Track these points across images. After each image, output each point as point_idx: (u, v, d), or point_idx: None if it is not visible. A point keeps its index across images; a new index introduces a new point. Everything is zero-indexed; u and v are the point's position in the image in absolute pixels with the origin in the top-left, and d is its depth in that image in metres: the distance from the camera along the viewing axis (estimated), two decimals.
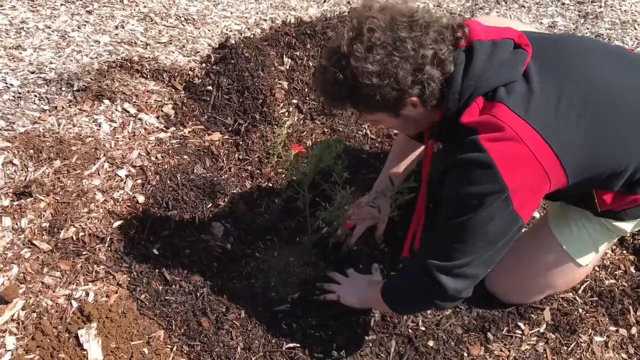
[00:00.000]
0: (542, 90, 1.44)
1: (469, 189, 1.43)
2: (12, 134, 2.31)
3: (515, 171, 1.40)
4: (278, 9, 3.38)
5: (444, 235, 1.53)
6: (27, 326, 1.77)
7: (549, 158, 1.41)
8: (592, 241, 1.82)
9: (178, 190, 2.24)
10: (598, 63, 1.56)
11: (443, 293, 1.52)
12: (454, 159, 1.46)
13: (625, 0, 3.61)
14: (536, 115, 1.41)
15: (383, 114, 1.56)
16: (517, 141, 1.39)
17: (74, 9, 3.18)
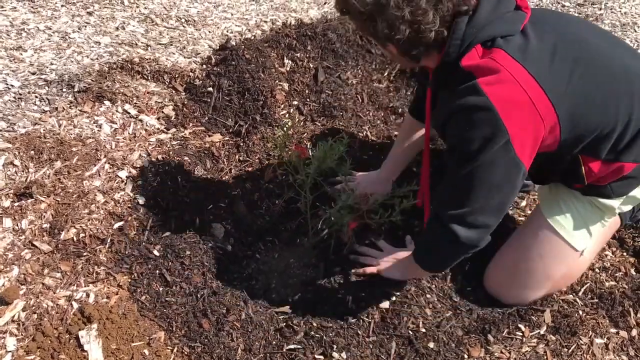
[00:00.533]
0: (538, 44, 1.53)
1: (471, 133, 1.50)
2: (12, 135, 2.31)
3: (513, 114, 1.47)
4: (278, 10, 3.38)
5: (452, 185, 1.63)
6: (27, 327, 1.77)
7: (544, 103, 1.49)
8: (582, 221, 1.86)
9: (178, 191, 2.24)
10: (587, 32, 1.68)
11: (457, 240, 1.62)
12: (454, 105, 1.54)
13: (625, 2, 3.62)
14: (532, 62, 1.50)
15: (393, 48, 1.60)
16: (514, 84, 1.46)
17: (75, 10, 3.18)
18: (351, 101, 2.66)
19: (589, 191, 1.81)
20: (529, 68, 1.48)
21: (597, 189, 1.78)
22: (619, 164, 1.68)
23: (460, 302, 1.99)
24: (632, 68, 1.64)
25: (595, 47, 1.62)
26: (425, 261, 1.84)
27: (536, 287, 1.95)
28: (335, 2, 1.61)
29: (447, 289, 2.03)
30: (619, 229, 2.23)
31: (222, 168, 2.38)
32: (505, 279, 1.96)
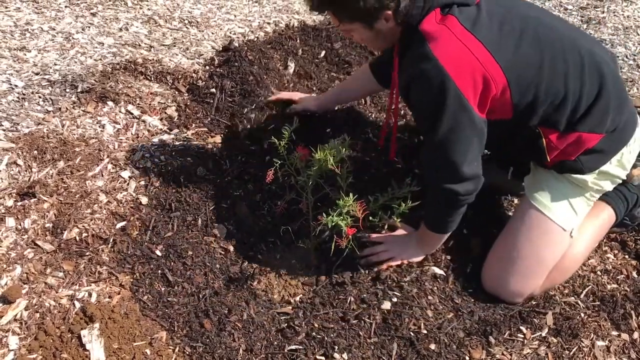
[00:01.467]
0: (488, 16, 1.70)
1: (429, 96, 1.68)
2: (16, 135, 2.32)
3: (462, 72, 1.62)
4: (282, 12, 3.39)
5: (432, 151, 1.80)
6: (30, 326, 1.78)
7: (492, 65, 1.64)
8: (564, 197, 1.96)
9: (181, 192, 2.24)
10: (539, 12, 1.88)
11: (458, 196, 1.82)
12: (411, 73, 1.72)
13: (628, 5, 3.62)
14: (481, 30, 1.66)
15: (359, 25, 1.75)
16: (463, 48, 1.63)
17: (79, 11, 3.20)
18: (353, 102, 2.66)
19: (562, 168, 1.92)
20: (478, 35, 1.65)
21: (568, 164, 1.89)
22: (576, 134, 1.81)
23: (462, 303, 1.99)
24: (581, 44, 1.79)
25: (545, 23, 1.77)
26: (437, 224, 1.98)
27: (530, 275, 1.96)
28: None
29: (449, 291, 2.03)
30: (620, 232, 2.23)
31: (225, 169, 2.38)
32: (500, 271, 1.98)
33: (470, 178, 1.80)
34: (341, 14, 1.74)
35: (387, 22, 1.73)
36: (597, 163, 1.90)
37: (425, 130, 1.77)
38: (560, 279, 2.02)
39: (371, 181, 2.32)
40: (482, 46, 1.64)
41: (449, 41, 1.63)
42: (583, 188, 1.96)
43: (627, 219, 2.17)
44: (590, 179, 1.94)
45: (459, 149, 1.74)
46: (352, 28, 1.79)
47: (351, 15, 1.73)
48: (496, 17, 1.71)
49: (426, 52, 1.64)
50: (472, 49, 1.63)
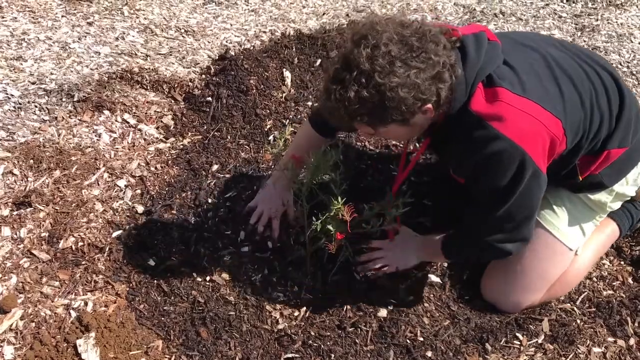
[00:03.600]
0: (523, 71, 1.62)
1: (504, 174, 1.59)
2: (12, 144, 2.32)
3: (534, 144, 1.57)
4: (277, 21, 3.41)
5: (494, 218, 1.69)
6: (25, 336, 1.77)
7: (555, 124, 1.58)
8: (574, 219, 1.91)
9: (177, 200, 2.24)
10: (551, 43, 1.81)
11: (508, 254, 1.78)
12: (479, 156, 1.60)
13: (621, 13, 3.65)
14: (531, 90, 1.58)
15: (395, 125, 1.57)
16: (526, 116, 1.55)
17: (75, 20, 3.21)
18: None
19: (580, 187, 1.87)
20: (532, 97, 1.56)
21: (588, 179, 1.83)
22: (606, 152, 1.77)
23: (458, 310, 1.99)
24: (591, 61, 1.77)
25: (562, 57, 1.72)
26: (457, 256, 1.97)
27: (532, 289, 1.95)
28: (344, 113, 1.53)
29: (445, 298, 2.03)
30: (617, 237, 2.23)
31: (220, 177, 2.38)
32: (501, 283, 1.96)
33: (526, 239, 1.77)
34: (376, 122, 1.56)
35: (425, 115, 1.57)
36: (618, 176, 1.86)
37: (494, 200, 1.67)
38: (561, 292, 2.01)
39: (366, 188, 2.33)
40: (540, 107, 1.56)
41: (515, 116, 1.54)
42: (595, 210, 1.93)
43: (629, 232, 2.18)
44: (608, 201, 1.90)
45: (526, 211, 1.69)
46: (388, 130, 1.61)
47: (388, 119, 1.54)
48: (528, 68, 1.63)
49: (494, 133, 1.54)
50: (536, 115, 1.55)
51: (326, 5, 3.63)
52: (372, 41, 1.45)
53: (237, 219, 2.22)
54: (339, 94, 1.48)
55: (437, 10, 3.63)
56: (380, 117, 1.53)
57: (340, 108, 1.51)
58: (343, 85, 1.47)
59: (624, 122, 1.77)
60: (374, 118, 1.54)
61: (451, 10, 3.65)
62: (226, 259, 2.10)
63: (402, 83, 1.44)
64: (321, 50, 2.91)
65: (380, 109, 1.48)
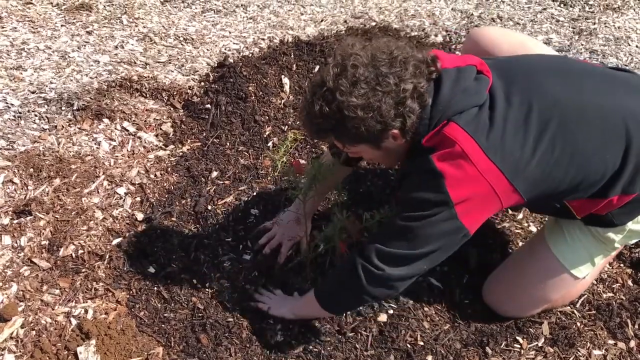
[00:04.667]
0: (499, 112, 1.52)
1: (419, 194, 1.54)
2: (12, 153, 2.33)
3: (461, 188, 1.49)
4: (276, 28, 3.42)
5: (390, 229, 1.63)
6: (26, 344, 1.77)
7: (496, 177, 1.49)
8: (587, 252, 1.83)
9: (176, 207, 2.25)
10: (557, 82, 1.63)
11: (376, 275, 1.60)
12: (411, 169, 1.61)
13: (618, 17, 3.66)
14: (486, 133, 1.50)
15: (365, 146, 1.61)
16: (465, 159, 1.48)
17: (74, 29, 3.22)
18: None
19: (590, 221, 1.77)
20: (480, 141, 1.49)
21: (597, 217, 1.73)
22: (607, 199, 1.63)
23: (458, 314, 1.99)
24: (608, 103, 1.61)
25: (564, 99, 1.58)
26: (327, 297, 1.80)
27: (532, 305, 1.96)
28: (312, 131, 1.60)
29: (445, 302, 2.03)
30: None
31: (219, 184, 2.39)
32: (505, 296, 1.96)
33: (393, 286, 1.65)
34: (342, 138, 1.60)
35: (395, 140, 1.57)
36: (629, 216, 1.72)
37: (398, 214, 1.60)
38: (561, 303, 2.01)
39: (365, 194, 2.33)
40: (484, 155, 1.48)
41: (450, 152, 1.49)
42: (606, 244, 1.82)
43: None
44: (618, 239, 1.79)
45: (413, 248, 1.58)
46: (358, 150, 1.64)
47: (353, 139, 1.57)
48: (515, 112, 1.53)
49: (428, 158, 1.52)
50: (473, 158, 1.48)
51: (324, 12, 3.65)
52: (342, 62, 1.49)
53: (237, 226, 2.23)
54: (308, 107, 1.55)
55: (434, 15, 3.65)
56: (344, 134, 1.56)
57: (307, 121, 1.58)
58: (312, 99, 1.53)
59: (630, 168, 1.59)
60: (338, 135, 1.59)
61: (449, 15, 3.66)
62: (226, 266, 2.10)
63: (361, 104, 1.46)
64: (319, 56, 2.92)
65: (341, 126, 1.51)
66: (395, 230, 1.60)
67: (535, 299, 1.93)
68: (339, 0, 3.78)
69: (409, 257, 1.59)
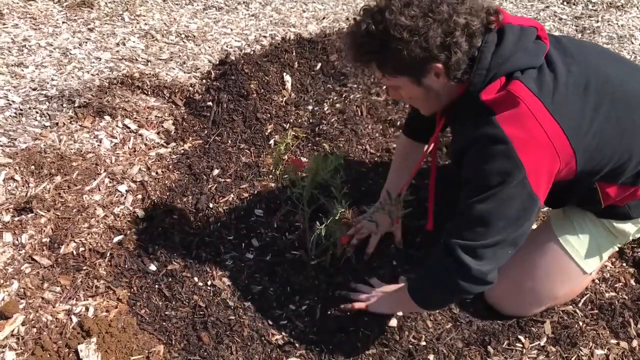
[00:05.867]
0: (560, 77, 1.51)
1: (488, 166, 1.48)
2: (13, 150, 2.33)
3: (529, 150, 1.45)
4: (277, 25, 3.41)
5: (467, 217, 1.55)
6: (27, 341, 1.77)
7: (560, 138, 1.47)
8: (596, 244, 1.84)
9: (177, 205, 2.25)
10: (607, 62, 1.65)
11: (467, 273, 1.55)
12: (470, 137, 1.53)
13: (622, 15, 3.65)
14: (550, 96, 1.48)
15: (406, 79, 1.55)
16: (531, 119, 1.45)
17: (76, 26, 3.22)
18: (350, 114, 2.67)
19: (605, 213, 1.78)
20: (546, 102, 1.47)
21: (614, 209, 1.75)
22: (635, 187, 1.68)
23: (460, 313, 1.98)
24: None
25: (611, 77, 1.59)
26: (421, 295, 1.75)
27: (538, 304, 1.95)
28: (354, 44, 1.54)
29: None
30: None
31: (221, 182, 2.38)
32: (508, 294, 1.94)
33: (492, 259, 1.57)
34: (384, 64, 1.54)
35: (438, 78, 1.53)
36: None
37: (472, 197, 1.54)
38: (563, 301, 2.00)
39: (367, 192, 2.33)
40: (550, 115, 1.46)
41: (516, 110, 1.46)
42: (616, 236, 1.84)
43: None
44: (633, 231, 1.82)
45: (499, 227, 1.53)
46: (398, 83, 1.58)
47: (395, 66, 1.52)
48: (571, 78, 1.52)
49: (491, 120, 1.47)
50: (540, 120, 1.45)
51: (326, 10, 3.64)
52: None
53: (239, 224, 2.23)
54: (355, 27, 1.52)
55: None
56: (387, 60, 1.51)
57: (351, 42, 1.54)
58: (361, 19, 1.51)
59: None
60: (380, 59, 1.53)
61: None
62: (227, 264, 2.10)
63: (409, 25, 1.43)
64: (321, 54, 2.91)
65: (384, 49, 1.47)
66: (473, 220, 1.54)
67: (541, 295, 1.92)
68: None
69: (494, 245, 1.54)
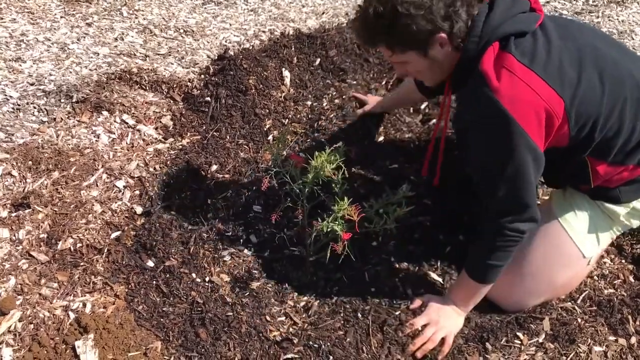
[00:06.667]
0: (547, 46, 1.61)
1: (495, 141, 1.62)
2: (10, 146, 2.32)
3: (526, 115, 1.55)
4: (277, 20, 3.40)
5: (497, 199, 1.69)
6: (24, 337, 1.77)
7: (556, 100, 1.57)
8: (594, 226, 1.90)
9: (176, 201, 2.24)
10: (598, 39, 1.74)
11: (522, 237, 1.74)
12: (472, 114, 1.66)
13: (622, 10, 3.63)
14: (542, 65, 1.57)
15: (413, 53, 1.68)
16: (525, 87, 1.55)
17: (74, 21, 3.20)
18: (349, 110, 2.66)
19: (597, 194, 1.86)
20: (538, 71, 1.56)
21: (605, 191, 1.83)
22: (624, 167, 1.75)
23: None
24: (637, 74, 1.71)
25: (604, 54, 1.68)
26: (489, 273, 1.82)
27: (538, 293, 1.95)
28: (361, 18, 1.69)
29: None
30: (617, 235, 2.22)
31: (219, 178, 2.38)
32: (506, 285, 1.93)
33: (534, 220, 1.73)
34: (393, 42, 1.67)
35: (442, 48, 1.66)
36: (635, 194, 1.83)
37: (487, 174, 1.70)
38: (563, 292, 2.00)
39: (366, 187, 2.32)
40: (542, 81, 1.56)
41: (511, 83, 1.55)
42: (613, 221, 1.90)
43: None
44: (623, 212, 1.88)
45: (526, 187, 1.66)
46: (406, 59, 1.71)
47: (404, 42, 1.66)
48: (555, 48, 1.62)
49: (488, 95, 1.56)
50: (535, 87, 1.55)
51: (325, 5, 3.62)
52: None
53: (237, 220, 2.22)
54: (363, 12, 1.66)
55: None
56: (395, 37, 1.64)
57: (361, 26, 1.70)
58: (367, 3, 1.64)
59: None
60: (390, 38, 1.66)
61: None
62: (226, 260, 2.09)
63: (414, 1, 1.57)
64: (320, 49, 2.90)
65: (393, 27, 1.61)
66: (503, 201, 1.68)
67: (542, 285, 1.92)
68: None
69: (530, 205, 1.69)
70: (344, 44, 2.93)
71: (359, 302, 1.98)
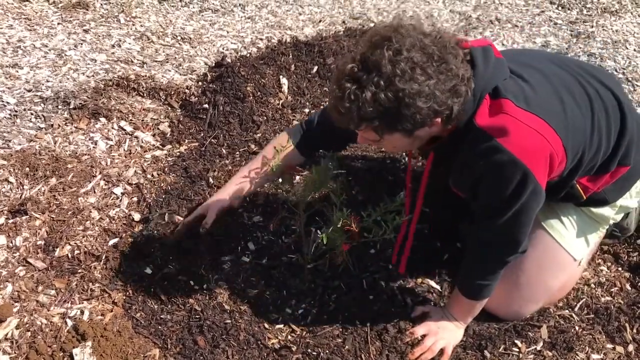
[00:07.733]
0: (530, 81, 1.60)
1: (505, 188, 1.57)
2: (8, 152, 2.31)
3: (537, 162, 1.54)
4: (274, 28, 3.41)
5: (506, 232, 1.69)
6: (21, 345, 1.76)
7: (556, 140, 1.55)
8: (580, 230, 1.94)
9: (173, 208, 2.23)
10: (548, 59, 1.79)
11: (508, 264, 1.77)
12: (481, 166, 1.58)
13: (616, 20, 3.67)
14: (535, 105, 1.55)
15: (399, 135, 1.54)
16: (530, 130, 1.52)
17: (71, 27, 3.20)
18: None
19: (584, 202, 1.86)
20: (537, 112, 1.54)
21: (592, 196, 1.83)
22: (609, 173, 1.79)
23: None
24: (596, 83, 1.74)
25: (563, 74, 1.70)
26: (484, 291, 1.83)
27: (534, 300, 1.96)
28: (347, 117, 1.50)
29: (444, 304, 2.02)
30: (613, 244, 2.24)
31: (217, 185, 2.37)
32: (502, 294, 1.93)
33: (522, 252, 1.76)
34: (385, 128, 1.52)
35: (430, 128, 1.55)
36: (620, 192, 1.87)
37: (489, 211, 1.67)
38: (558, 296, 2.02)
39: (364, 194, 2.32)
40: (544, 122, 1.53)
41: (518, 130, 1.51)
42: (598, 222, 1.95)
43: (616, 230, 2.18)
44: (612, 214, 1.92)
45: (524, 224, 1.66)
46: (389, 139, 1.57)
47: (397, 127, 1.51)
48: (533, 82, 1.60)
49: (495, 145, 1.51)
50: (539, 130, 1.52)
51: (322, 13, 3.64)
52: (395, 45, 1.42)
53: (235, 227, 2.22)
54: (354, 94, 1.44)
55: (433, 17, 3.65)
56: (391, 123, 1.49)
57: (353, 108, 1.46)
58: (360, 85, 1.43)
59: (626, 141, 1.75)
60: (383, 123, 1.49)
61: (447, 17, 3.66)
62: (224, 267, 2.09)
63: (421, 91, 1.42)
64: (318, 57, 2.91)
65: (393, 115, 1.45)
66: (506, 239, 1.71)
67: (537, 292, 1.93)
68: (338, 1, 3.78)
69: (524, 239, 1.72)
70: (341, 51, 2.94)
71: (357, 309, 1.97)
